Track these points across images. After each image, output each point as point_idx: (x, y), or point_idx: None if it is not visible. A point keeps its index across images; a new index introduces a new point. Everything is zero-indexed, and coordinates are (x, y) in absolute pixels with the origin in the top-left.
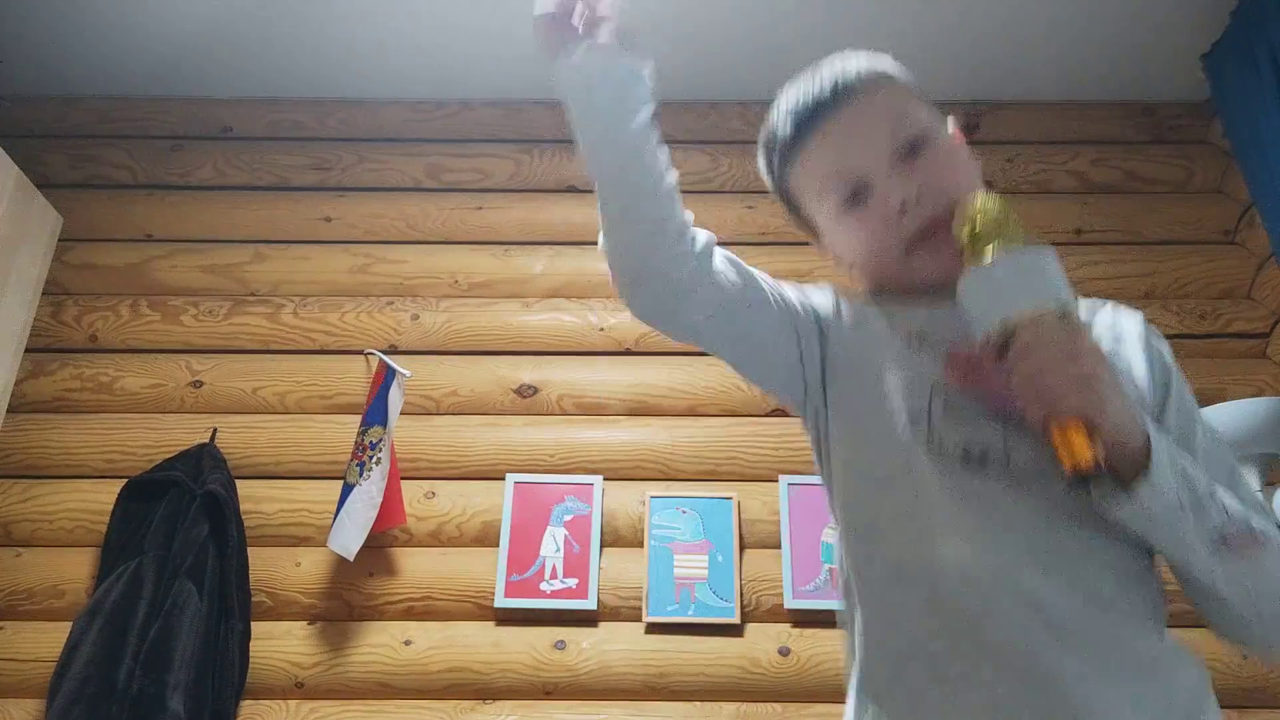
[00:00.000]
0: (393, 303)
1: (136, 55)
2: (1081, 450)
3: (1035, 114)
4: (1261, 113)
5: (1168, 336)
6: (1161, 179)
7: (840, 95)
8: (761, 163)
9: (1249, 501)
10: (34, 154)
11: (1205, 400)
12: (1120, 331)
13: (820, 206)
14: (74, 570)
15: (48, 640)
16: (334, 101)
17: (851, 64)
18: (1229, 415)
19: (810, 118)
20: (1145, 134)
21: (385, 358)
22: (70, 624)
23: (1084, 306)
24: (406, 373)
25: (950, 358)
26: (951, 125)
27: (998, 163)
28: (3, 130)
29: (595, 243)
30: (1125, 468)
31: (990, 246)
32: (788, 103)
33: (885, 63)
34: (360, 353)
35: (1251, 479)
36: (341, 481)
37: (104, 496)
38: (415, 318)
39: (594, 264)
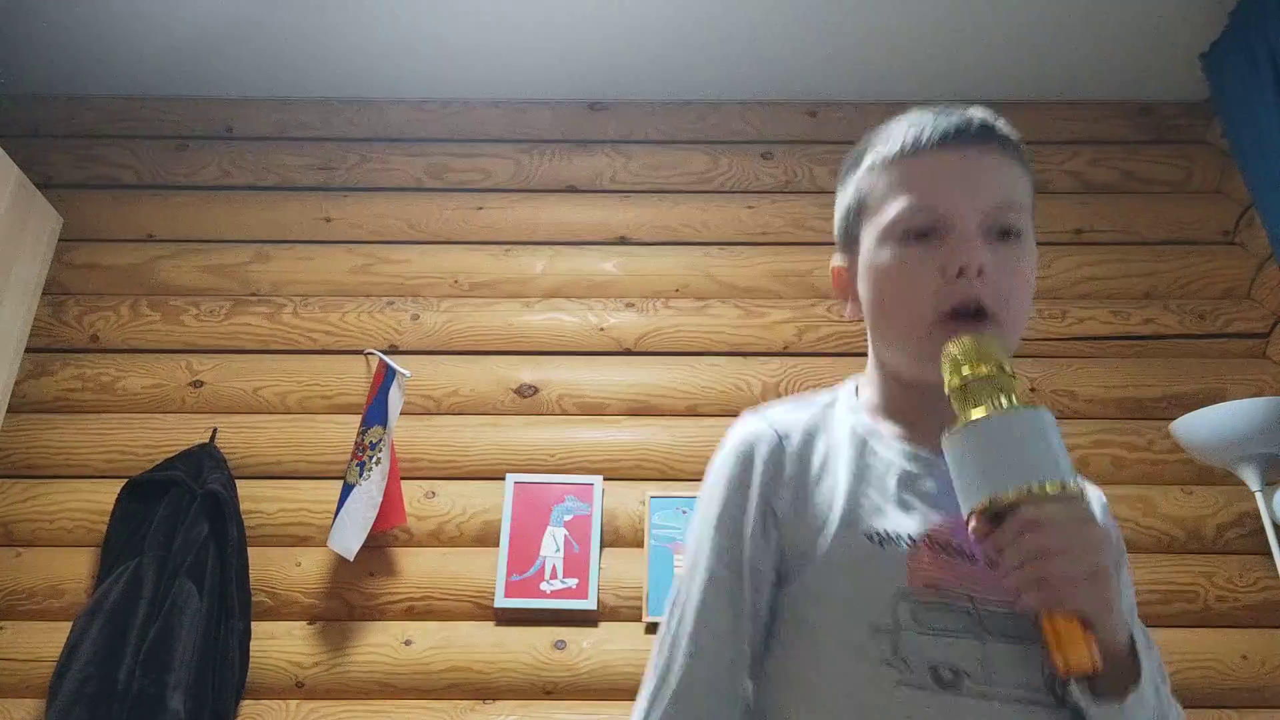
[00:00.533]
0: (393, 303)
1: (141, 55)
2: (1080, 652)
3: (1034, 114)
4: (1261, 113)
5: (1168, 337)
6: (1161, 179)
7: (982, 134)
8: (856, 154)
9: (1167, 694)
10: (38, 153)
11: (1205, 400)
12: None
13: (882, 219)
14: (74, 570)
15: (48, 640)
16: (337, 102)
17: (1004, 122)
18: (1229, 415)
19: (944, 132)
20: (1144, 134)
21: (385, 358)
22: (70, 624)
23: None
24: (406, 373)
25: (931, 534)
26: (1034, 251)
27: None
28: (6, 130)
29: (595, 242)
30: (1112, 672)
31: (985, 400)
32: (924, 114)
33: (1028, 155)
34: (360, 353)
35: (1251, 479)
36: (341, 481)
37: (104, 496)
38: (416, 318)
39: (594, 264)
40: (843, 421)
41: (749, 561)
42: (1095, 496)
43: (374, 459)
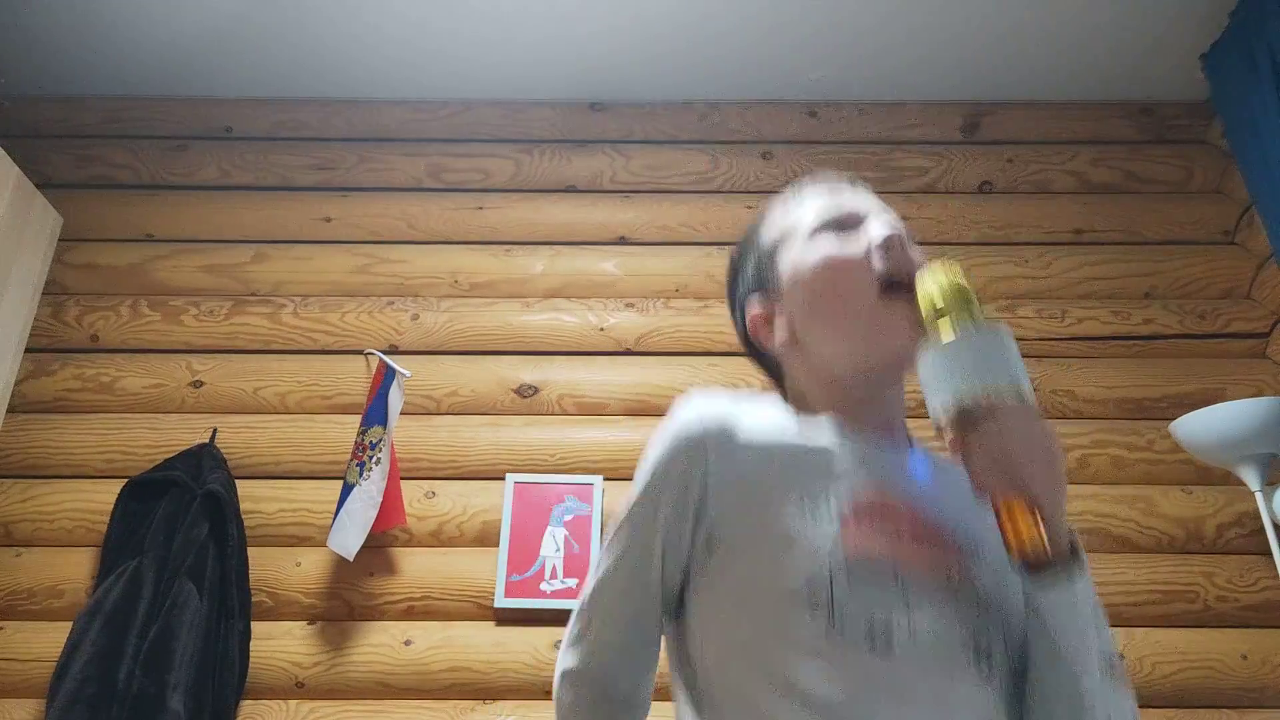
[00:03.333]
0: (393, 303)
1: (140, 56)
2: (1033, 535)
3: (1035, 114)
4: (1261, 113)
5: (1168, 336)
6: (1161, 179)
7: (860, 186)
8: (751, 231)
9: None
10: (37, 154)
11: (1205, 400)
12: None
13: (802, 230)
14: (74, 570)
15: (48, 640)
16: (337, 102)
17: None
18: (1229, 415)
19: (832, 182)
20: (1145, 134)
21: (385, 358)
22: (70, 624)
23: None
24: (406, 373)
25: (861, 505)
26: None
27: (998, 163)
28: (6, 130)
29: (595, 242)
30: (1058, 558)
31: (952, 322)
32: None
33: None
34: (360, 353)
35: (1251, 479)
36: (341, 481)
37: (104, 496)
38: (416, 318)
39: (594, 264)
40: (777, 409)
41: (663, 542)
42: None
43: (374, 459)
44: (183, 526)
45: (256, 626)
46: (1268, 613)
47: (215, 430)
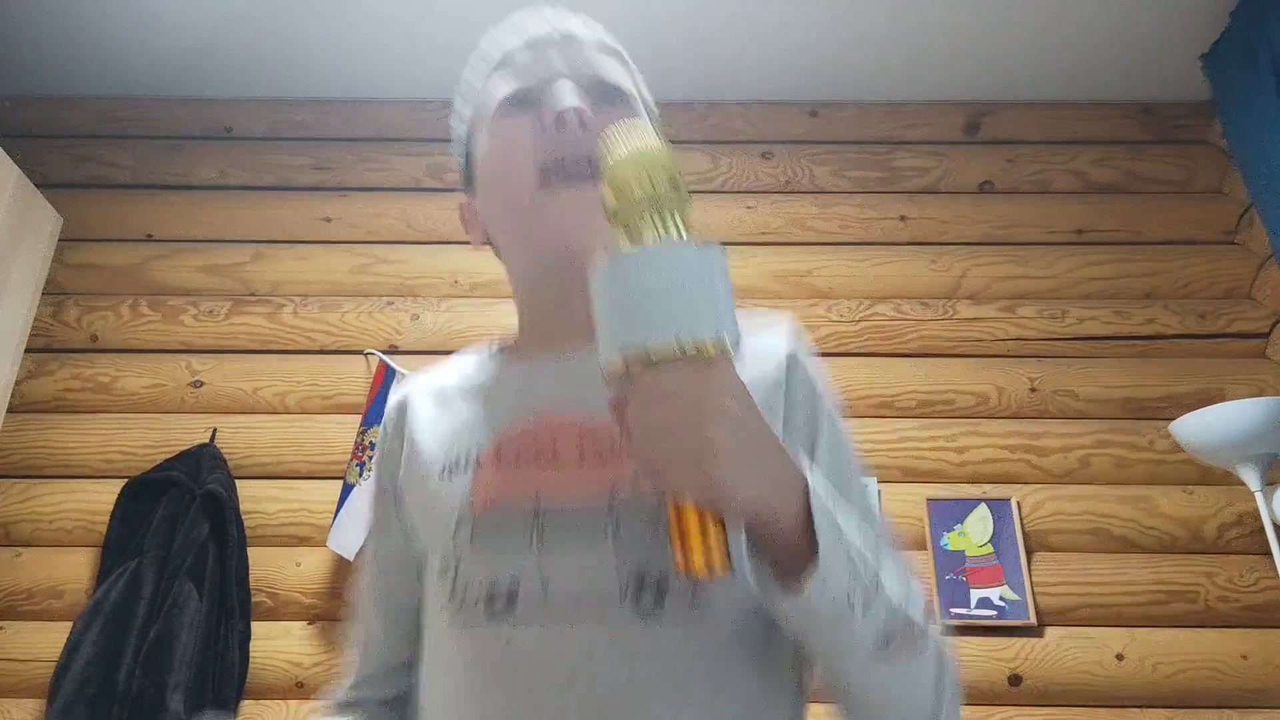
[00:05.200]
0: (393, 303)
1: (138, 55)
2: (706, 551)
3: (1035, 114)
4: (1261, 113)
5: (1168, 337)
6: (1162, 179)
7: (575, 26)
8: (463, 91)
9: (902, 571)
10: (35, 154)
11: (1205, 400)
12: (763, 354)
13: (486, 115)
14: (74, 570)
15: (48, 640)
16: (336, 101)
17: (594, 24)
18: (1229, 415)
19: (529, 39)
20: (1146, 134)
21: (385, 358)
22: (70, 624)
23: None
24: (406, 373)
25: (501, 444)
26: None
27: (999, 163)
28: (5, 130)
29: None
30: (782, 556)
31: (645, 224)
32: (510, 25)
33: (617, 47)
34: (360, 353)
35: (1252, 479)
36: (341, 481)
37: (104, 496)
38: (415, 318)
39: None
40: (467, 363)
41: (387, 539)
42: (778, 332)
43: (374, 459)
44: (183, 526)
45: (256, 626)
46: (1268, 613)
47: (215, 430)
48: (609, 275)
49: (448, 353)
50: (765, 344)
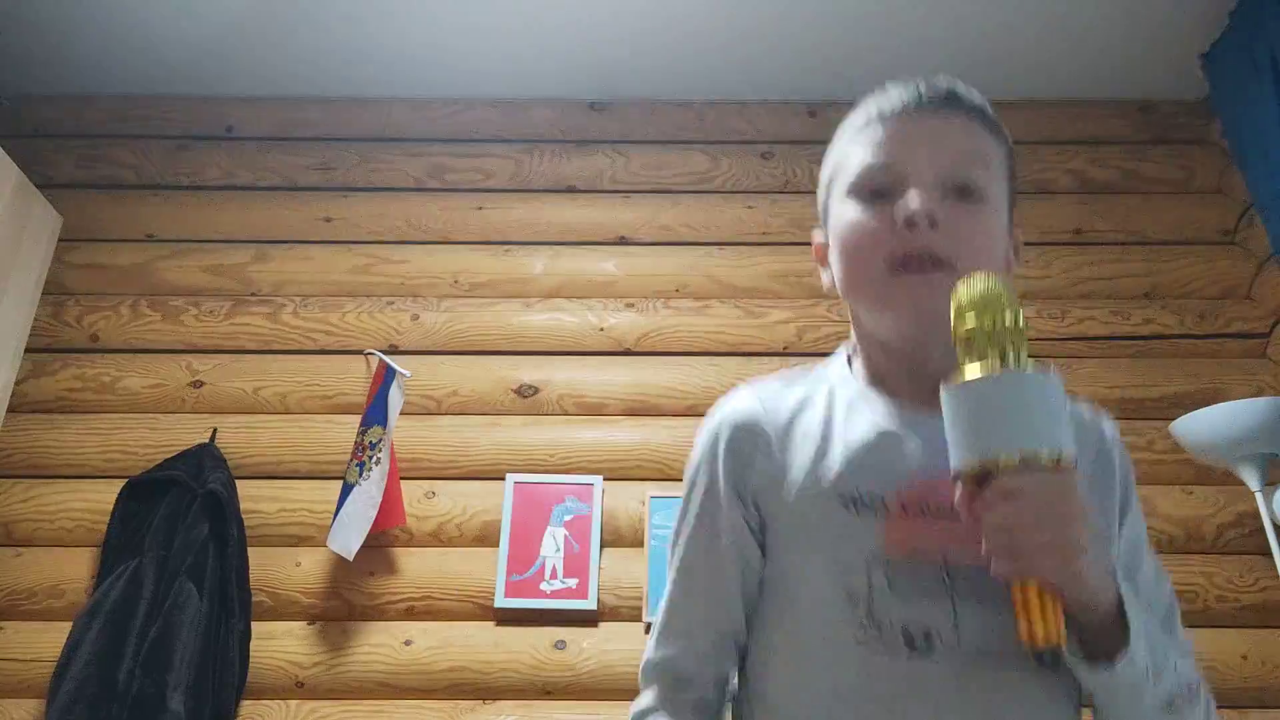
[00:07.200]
0: (393, 303)
1: (142, 55)
2: (1047, 625)
3: (1035, 114)
4: (1261, 113)
5: (1168, 337)
6: (1161, 179)
7: (949, 101)
8: (839, 129)
9: (1183, 646)
10: (39, 153)
11: (1205, 400)
12: (1091, 441)
13: (846, 182)
14: (74, 570)
15: (48, 640)
16: (337, 101)
17: (972, 90)
18: (1229, 415)
19: (910, 99)
20: (1145, 133)
21: (385, 358)
22: (70, 624)
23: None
24: (406, 373)
25: (909, 494)
26: (1011, 220)
27: None
28: (7, 130)
29: (595, 242)
30: (1094, 634)
31: (991, 354)
32: (895, 85)
33: (1000, 120)
34: (360, 353)
35: (1251, 479)
36: (341, 481)
37: (104, 496)
38: (416, 318)
39: (594, 264)
40: (831, 389)
41: (725, 532)
42: (1105, 431)
43: (374, 459)
44: (183, 526)
45: (256, 626)
46: (1268, 613)
47: (215, 430)
48: (958, 396)
49: (448, 353)
50: (1085, 416)
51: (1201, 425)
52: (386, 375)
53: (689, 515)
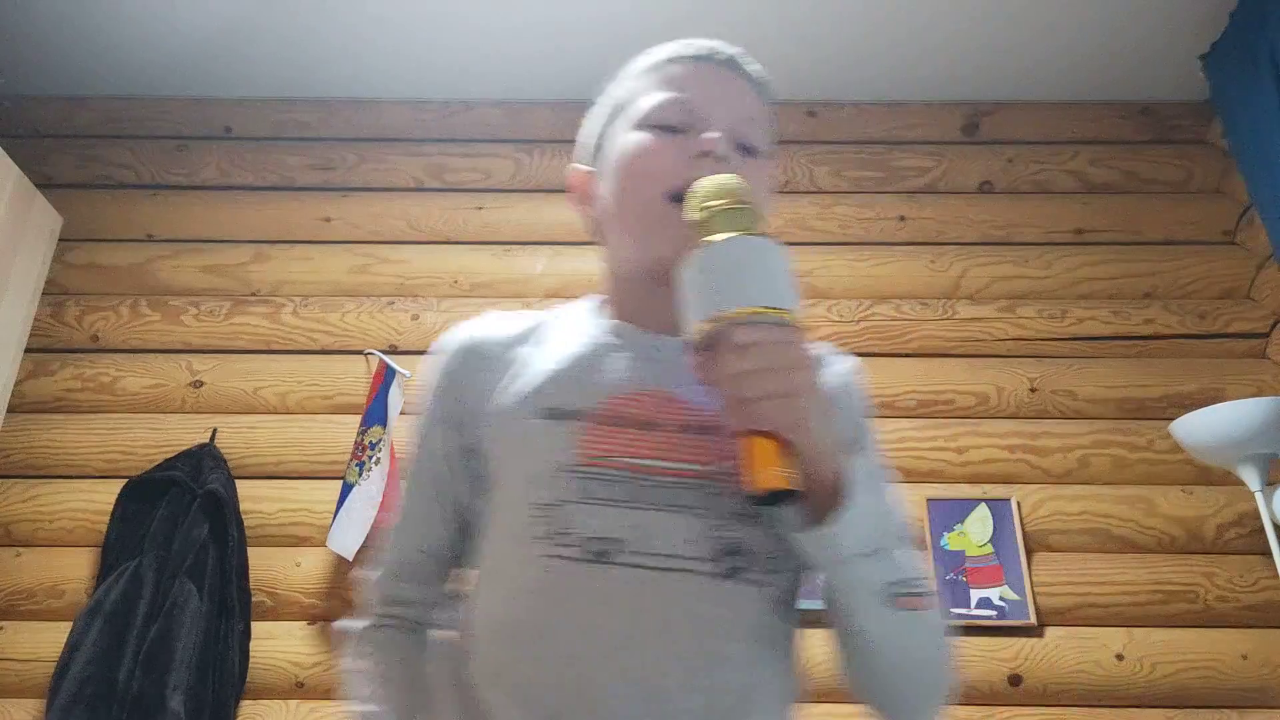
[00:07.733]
0: (393, 303)
1: (141, 55)
2: (767, 471)
3: (1035, 114)
4: (1261, 113)
5: (1168, 337)
6: (1161, 179)
7: (738, 63)
8: (617, 76)
9: (911, 551)
10: (38, 154)
11: (1205, 400)
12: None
13: (636, 113)
14: (74, 570)
15: (48, 640)
16: (337, 101)
17: (753, 61)
18: (1229, 415)
19: (702, 51)
20: (1145, 134)
21: (385, 358)
22: (70, 624)
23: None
24: (406, 373)
25: (609, 404)
26: (772, 179)
27: (998, 162)
28: (6, 130)
29: (595, 242)
30: (817, 499)
31: (722, 228)
32: (689, 40)
33: (769, 89)
34: (360, 353)
35: (1252, 479)
36: (341, 481)
37: (104, 496)
38: (416, 318)
39: (594, 264)
40: (563, 319)
41: (444, 460)
42: (840, 369)
43: (374, 459)
44: (183, 526)
45: (256, 626)
46: (1268, 613)
47: (215, 430)
48: (699, 259)
49: None
50: (836, 362)
51: (1201, 425)
52: (386, 375)
53: (410, 442)
